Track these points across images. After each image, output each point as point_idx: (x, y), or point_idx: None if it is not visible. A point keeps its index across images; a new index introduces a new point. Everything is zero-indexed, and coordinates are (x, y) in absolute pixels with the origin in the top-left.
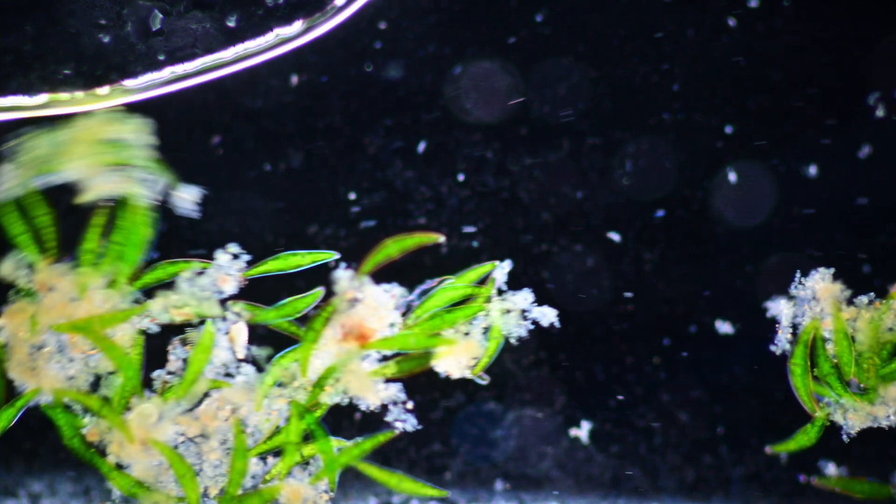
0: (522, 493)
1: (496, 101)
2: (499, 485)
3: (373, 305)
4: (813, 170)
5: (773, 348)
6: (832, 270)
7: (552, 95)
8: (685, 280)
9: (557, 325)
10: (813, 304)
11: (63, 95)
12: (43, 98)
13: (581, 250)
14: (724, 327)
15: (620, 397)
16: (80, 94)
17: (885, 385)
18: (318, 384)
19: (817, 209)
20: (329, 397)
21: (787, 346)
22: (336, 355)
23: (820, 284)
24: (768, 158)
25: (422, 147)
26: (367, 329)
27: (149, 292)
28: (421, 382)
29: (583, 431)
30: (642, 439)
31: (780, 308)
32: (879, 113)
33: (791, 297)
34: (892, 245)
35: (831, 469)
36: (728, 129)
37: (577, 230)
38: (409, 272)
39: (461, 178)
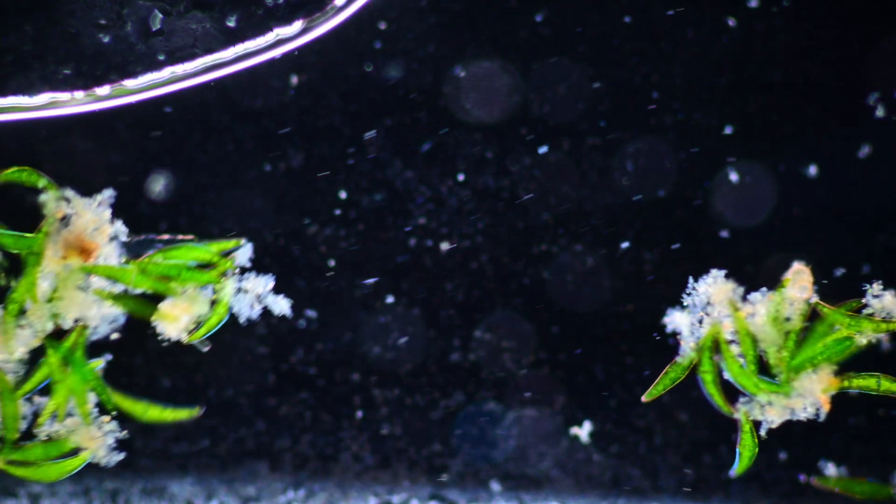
0: (522, 493)
1: (496, 101)
2: (496, 485)
3: (88, 219)
4: (813, 170)
5: (678, 360)
6: (723, 272)
7: (552, 95)
8: (685, 280)
9: (288, 314)
10: (709, 309)
11: (63, 95)
12: (43, 98)
13: (581, 250)
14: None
15: (606, 393)
16: (80, 94)
17: (797, 376)
18: (52, 308)
19: (817, 209)
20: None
21: (693, 356)
22: (59, 275)
23: (712, 288)
24: (768, 158)
25: (425, 147)
26: (88, 243)
27: None
28: (421, 382)
29: (583, 431)
30: (642, 439)
31: (675, 320)
32: (879, 113)
33: (685, 307)
34: (892, 245)
35: (831, 469)
36: (728, 129)
37: (577, 230)
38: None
39: (461, 177)
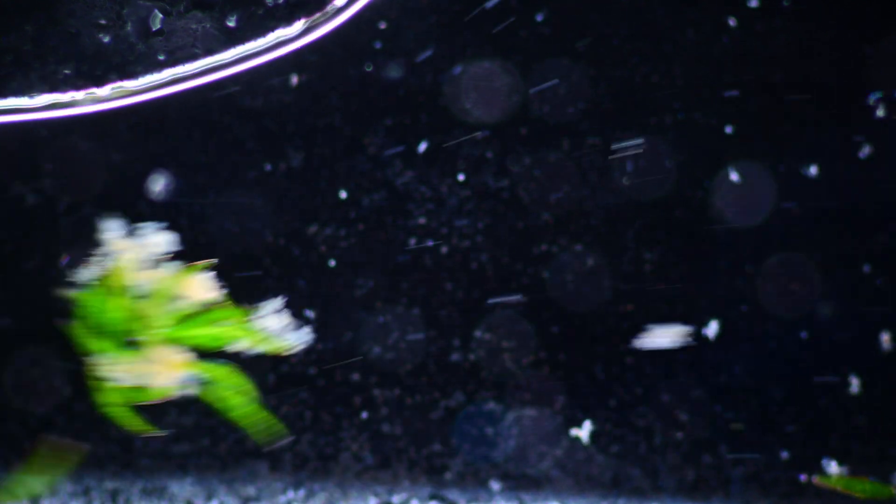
0: (522, 493)
1: (496, 101)
2: (496, 485)
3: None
4: (813, 170)
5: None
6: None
7: (552, 95)
8: (685, 280)
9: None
10: (111, 259)
11: (63, 95)
12: (43, 98)
13: (581, 250)
14: (723, 327)
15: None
16: (79, 94)
17: (162, 345)
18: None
19: (817, 209)
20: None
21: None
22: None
23: (117, 241)
24: (768, 158)
25: (422, 147)
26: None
27: None
28: (421, 382)
29: (584, 431)
30: (642, 439)
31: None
32: (879, 113)
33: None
34: (892, 245)
35: (832, 468)
36: (728, 129)
37: (578, 230)
38: None
39: (461, 177)
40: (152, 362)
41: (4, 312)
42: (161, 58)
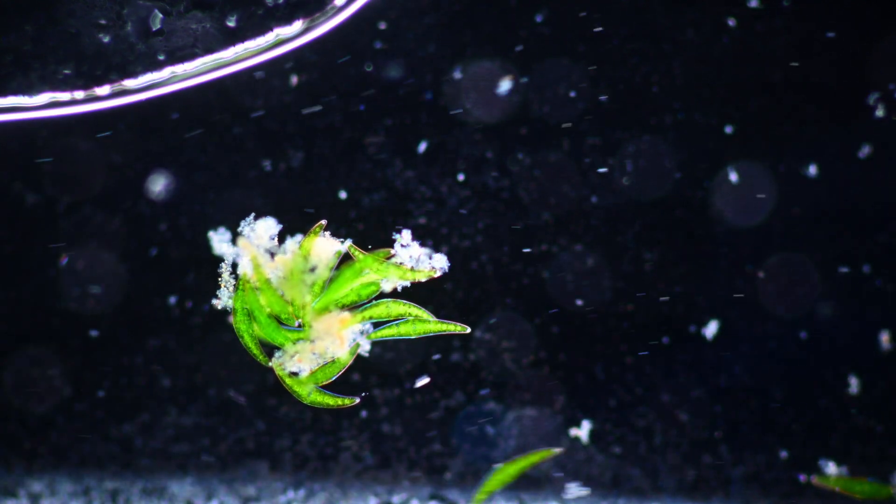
0: (522, 493)
1: (496, 101)
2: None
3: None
4: (813, 170)
5: (215, 303)
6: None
7: (552, 95)
8: (685, 280)
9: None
10: (241, 259)
11: (63, 95)
12: (43, 98)
13: (581, 250)
14: (721, 328)
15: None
16: (80, 93)
17: (317, 318)
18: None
19: (817, 209)
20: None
21: (230, 304)
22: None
23: (244, 239)
24: (768, 158)
25: (422, 147)
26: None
27: None
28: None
29: (583, 431)
30: (642, 439)
31: (224, 262)
32: (879, 113)
33: (231, 256)
34: (892, 245)
35: (831, 468)
36: (728, 129)
37: (577, 230)
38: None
39: (461, 177)
40: (320, 338)
41: (4, 313)
42: (161, 58)
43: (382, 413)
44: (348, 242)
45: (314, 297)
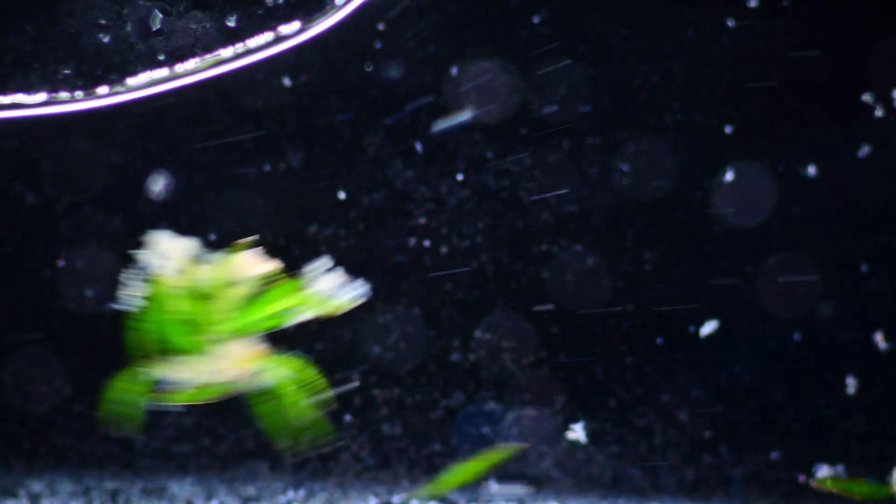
0: (522, 493)
1: (496, 101)
2: (496, 485)
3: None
4: (813, 170)
5: (121, 307)
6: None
7: (552, 95)
8: (685, 280)
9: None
10: (163, 264)
11: (63, 95)
12: (43, 98)
13: (581, 250)
14: (722, 327)
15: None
16: (80, 93)
17: (227, 340)
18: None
19: (817, 209)
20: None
21: (138, 301)
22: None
23: (167, 244)
24: (768, 158)
25: (421, 147)
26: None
27: None
28: (421, 382)
29: (579, 433)
30: (642, 439)
31: (140, 265)
32: (879, 113)
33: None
34: (892, 245)
35: (830, 470)
36: (728, 129)
37: (577, 230)
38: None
39: (461, 177)
40: (225, 360)
41: (4, 313)
42: (161, 57)
43: (382, 413)
44: (274, 264)
45: (232, 315)
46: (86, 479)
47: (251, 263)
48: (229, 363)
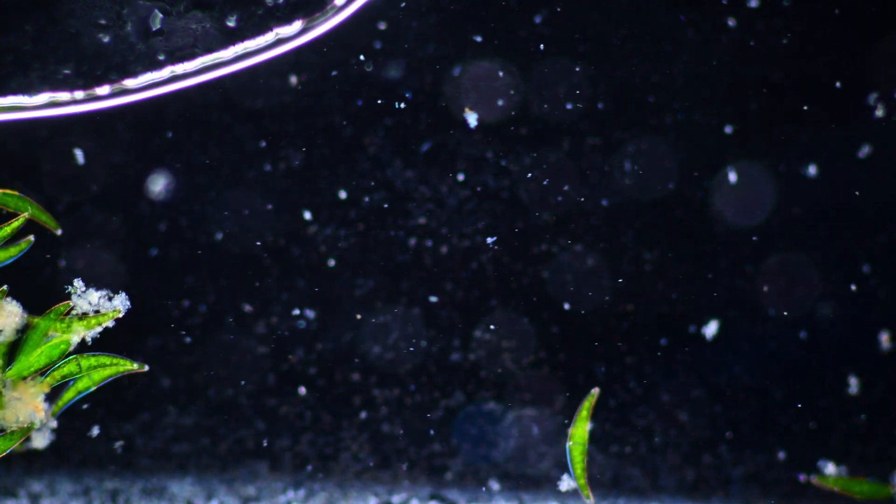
0: (522, 493)
1: (496, 101)
2: (496, 485)
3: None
4: (813, 170)
5: None
6: None
7: (552, 95)
8: (685, 280)
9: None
10: None
11: (63, 95)
12: (43, 98)
13: (581, 250)
14: (721, 328)
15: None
16: (80, 93)
17: (14, 387)
18: None
19: (817, 209)
20: None
21: None
22: None
23: None
24: (768, 158)
25: (425, 147)
26: None
27: None
28: (421, 382)
29: (570, 483)
30: (642, 439)
31: None
32: (879, 113)
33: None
34: (892, 245)
35: (831, 469)
36: (728, 129)
37: (577, 230)
38: None
39: (461, 177)
40: (14, 407)
41: None
42: (161, 58)
43: (382, 413)
44: (24, 314)
45: (3, 364)
46: (86, 479)
47: (8, 311)
48: (21, 409)
